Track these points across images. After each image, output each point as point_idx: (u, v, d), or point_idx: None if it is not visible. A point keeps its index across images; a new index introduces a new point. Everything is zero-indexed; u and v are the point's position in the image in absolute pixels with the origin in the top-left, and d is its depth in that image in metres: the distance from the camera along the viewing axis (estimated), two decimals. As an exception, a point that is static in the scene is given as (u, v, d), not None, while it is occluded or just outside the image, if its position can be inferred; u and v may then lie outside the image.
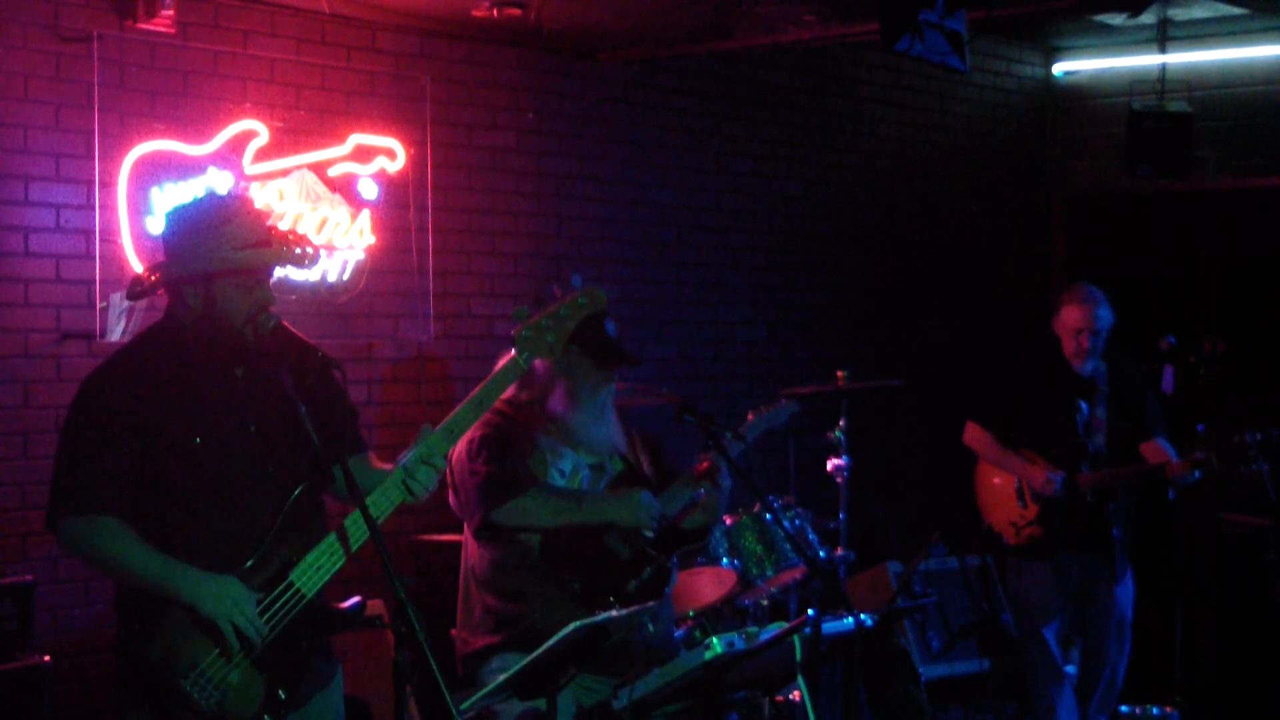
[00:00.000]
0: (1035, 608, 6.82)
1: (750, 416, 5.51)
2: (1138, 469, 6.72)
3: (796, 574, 6.04)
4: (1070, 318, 6.79)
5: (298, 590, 3.89)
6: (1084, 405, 6.78)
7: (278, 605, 3.88)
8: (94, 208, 6.15)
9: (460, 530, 5.16)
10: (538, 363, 5.08)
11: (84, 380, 3.98)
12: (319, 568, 3.93)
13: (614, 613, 4.40)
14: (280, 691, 3.89)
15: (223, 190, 6.28)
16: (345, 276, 6.81)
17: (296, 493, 3.96)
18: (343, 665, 4.80)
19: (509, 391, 5.14)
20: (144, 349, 4.02)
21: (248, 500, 3.93)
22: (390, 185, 6.94)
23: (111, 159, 6.16)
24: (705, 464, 5.14)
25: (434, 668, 3.52)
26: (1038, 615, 6.81)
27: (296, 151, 6.65)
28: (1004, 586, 7.24)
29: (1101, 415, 6.78)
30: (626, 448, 5.27)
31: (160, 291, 4.00)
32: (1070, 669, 7.07)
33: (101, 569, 3.94)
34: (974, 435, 6.93)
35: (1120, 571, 6.82)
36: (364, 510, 3.77)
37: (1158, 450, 6.74)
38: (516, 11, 6.78)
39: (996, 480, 6.90)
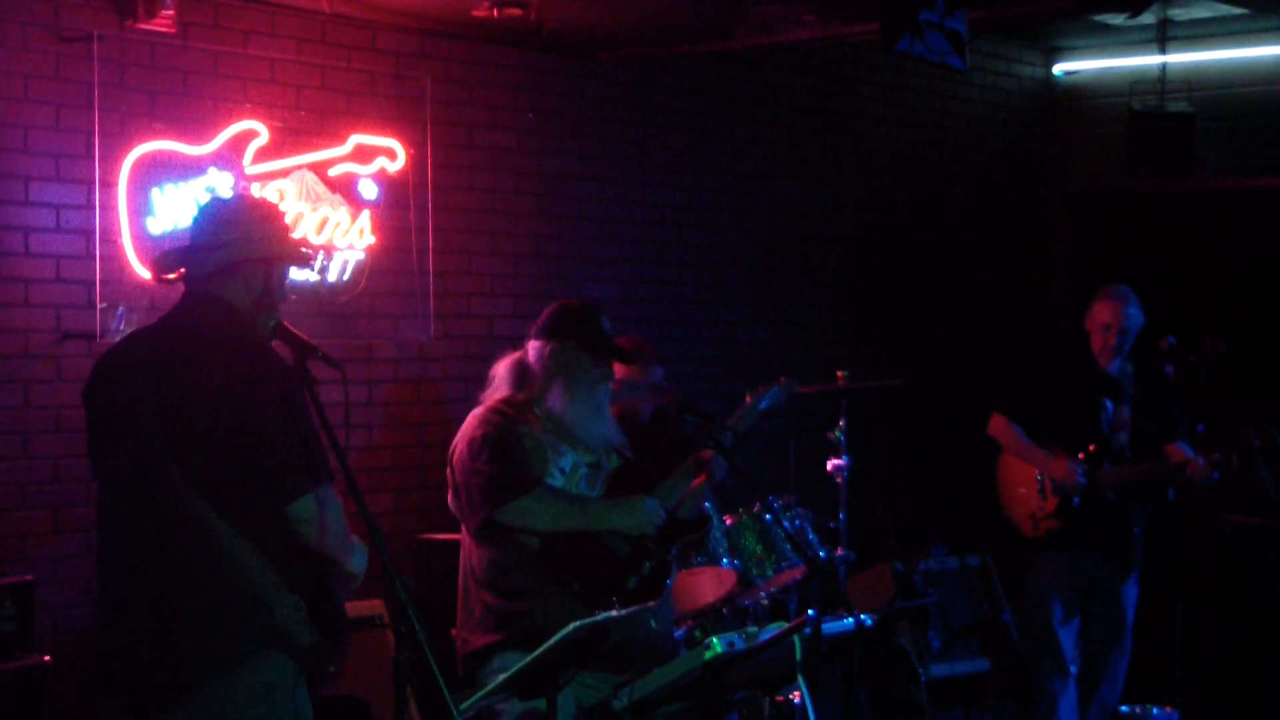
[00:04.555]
0: (1047, 601, 6.81)
1: (747, 398, 5.50)
2: (1159, 466, 6.72)
3: (796, 574, 6.03)
4: (1101, 314, 6.81)
5: None
6: (1109, 404, 6.79)
7: None
8: (94, 208, 6.15)
9: (460, 530, 5.15)
10: (533, 361, 5.09)
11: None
12: None
13: (614, 613, 4.40)
14: None
15: (226, 191, 6.31)
16: (345, 276, 6.81)
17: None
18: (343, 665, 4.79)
19: (506, 391, 5.14)
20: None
21: None
22: (390, 185, 6.94)
23: (111, 159, 6.15)
24: (709, 453, 5.12)
25: (434, 668, 3.53)
26: (1050, 609, 6.80)
27: (296, 152, 6.65)
28: (1019, 580, 7.20)
29: (1126, 415, 6.79)
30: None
31: (177, 275, 4.09)
32: (1071, 668, 7.07)
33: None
34: (999, 426, 6.92)
35: (1132, 569, 6.83)
36: (363, 508, 3.78)
37: (1179, 452, 6.74)
38: (516, 11, 6.78)
39: (1021, 477, 6.89)
